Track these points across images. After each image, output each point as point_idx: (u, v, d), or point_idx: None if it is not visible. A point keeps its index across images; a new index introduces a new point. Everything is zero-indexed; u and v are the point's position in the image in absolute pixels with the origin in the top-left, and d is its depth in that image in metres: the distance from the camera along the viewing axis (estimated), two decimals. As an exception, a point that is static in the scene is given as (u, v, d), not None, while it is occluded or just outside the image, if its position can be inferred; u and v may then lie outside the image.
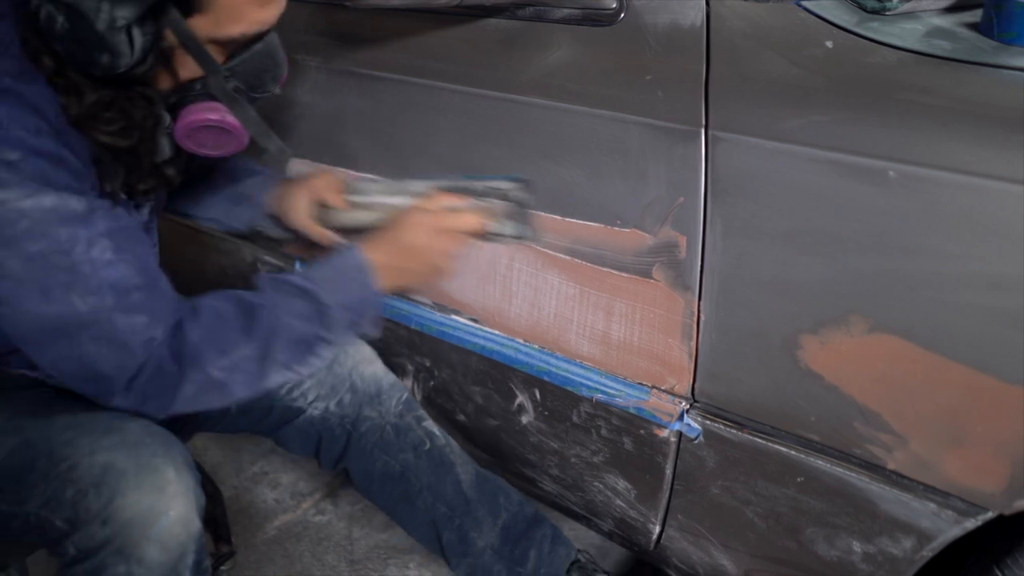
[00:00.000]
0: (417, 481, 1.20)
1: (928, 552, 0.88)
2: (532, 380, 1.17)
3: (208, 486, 1.46)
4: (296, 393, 1.18)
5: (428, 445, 1.21)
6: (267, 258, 1.45)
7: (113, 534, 0.83)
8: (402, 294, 1.30)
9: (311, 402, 1.19)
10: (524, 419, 1.23)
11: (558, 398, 1.16)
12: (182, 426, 1.19)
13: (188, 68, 0.87)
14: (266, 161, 1.22)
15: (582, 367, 1.12)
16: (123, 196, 0.90)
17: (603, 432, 1.13)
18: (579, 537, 1.48)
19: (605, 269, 1.04)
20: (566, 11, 1.00)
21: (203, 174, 1.19)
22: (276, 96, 0.97)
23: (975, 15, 0.93)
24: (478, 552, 1.19)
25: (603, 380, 1.10)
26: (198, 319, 0.87)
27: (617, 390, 1.08)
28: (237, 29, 0.84)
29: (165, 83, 0.88)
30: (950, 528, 0.85)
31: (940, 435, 0.84)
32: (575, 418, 1.15)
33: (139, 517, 0.83)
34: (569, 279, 1.09)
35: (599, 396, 1.10)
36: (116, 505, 0.83)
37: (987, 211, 0.76)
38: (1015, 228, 0.74)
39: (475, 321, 1.22)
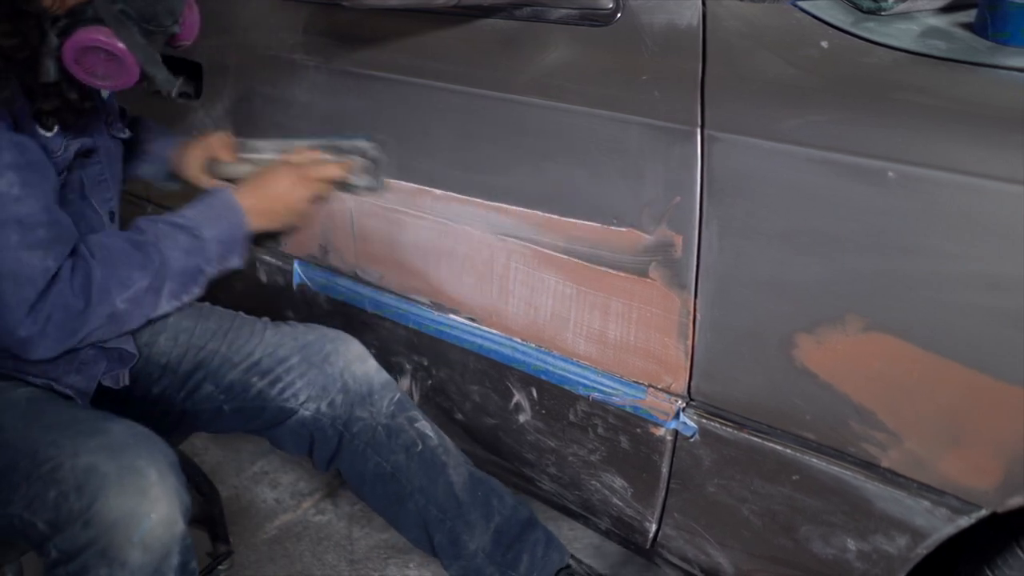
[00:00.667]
0: (408, 483, 1.19)
1: (922, 550, 0.89)
2: (529, 379, 1.18)
3: (205, 486, 1.46)
4: (287, 394, 1.17)
5: (420, 446, 1.20)
6: (266, 258, 1.46)
7: (95, 536, 0.82)
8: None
9: (302, 403, 1.18)
10: (521, 418, 1.23)
11: (555, 397, 1.16)
12: (175, 427, 1.20)
13: None
14: (154, 90, 1.25)
15: (579, 366, 1.12)
16: (35, 124, 0.92)
17: (600, 431, 1.13)
18: (577, 536, 1.49)
19: (602, 268, 1.05)
20: (563, 11, 1.01)
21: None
22: (180, 51, 1.03)
23: (970, 15, 0.93)
24: (470, 555, 1.18)
25: (600, 379, 1.10)
26: (96, 257, 0.93)
27: (614, 389, 1.09)
28: None
29: (52, 2, 0.87)
30: (944, 526, 0.86)
31: (935, 433, 0.84)
32: (572, 417, 1.15)
33: (122, 519, 0.83)
34: (566, 278, 1.09)
35: (596, 395, 1.10)
36: (98, 507, 0.83)
37: (983, 211, 0.76)
38: (1011, 228, 0.74)
39: (472, 320, 1.22)
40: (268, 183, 1.09)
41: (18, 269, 0.87)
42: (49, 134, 0.94)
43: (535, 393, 1.18)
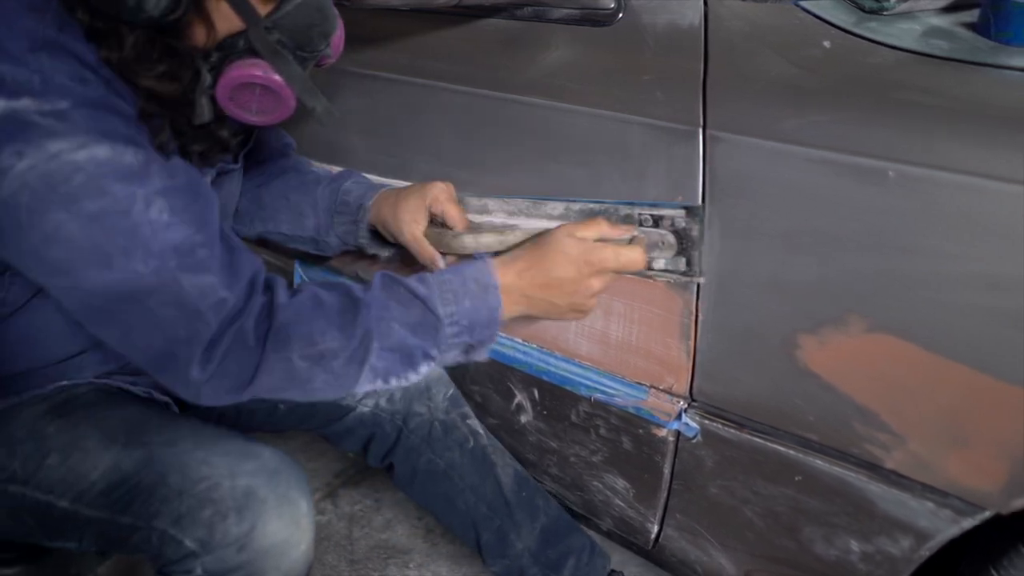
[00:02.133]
0: (460, 481, 1.18)
1: (926, 551, 0.89)
2: (531, 379, 1.17)
3: None
4: None
5: (472, 443, 1.19)
6: (265, 258, 1.46)
7: (247, 561, 0.82)
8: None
9: (360, 399, 1.15)
10: (523, 418, 1.23)
11: (557, 397, 1.16)
12: (231, 427, 1.15)
13: (226, 20, 0.80)
14: (312, 122, 1.16)
15: (581, 366, 1.12)
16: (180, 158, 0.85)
17: (602, 431, 1.13)
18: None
19: (604, 269, 1.04)
20: (565, 11, 1.01)
21: (268, 189, 1.15)
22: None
23: (972, 15, 0.93)
24: (516, 554, 1.18)
25: (602, 379, 1.10)
26: (293, 301, 0.82)
27: (616, 389, 1.08)
28: None
29: (202, 38, 0.81)
30: (948, 527, 0.86)
31: (938, 434, 0.84)
32: (574, 417, 1.15)
33: (275, 548, 0.83)
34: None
35: (598, 395, 1.10)
36: (256, 533, 0.82)
37: (985, 211, 0.76)
38: (1013, 228, 0.74)
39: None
40: (548, 264, 0.87)
41: (181, 295, 0.76)
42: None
43: (537, 394, 1.18)
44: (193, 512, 0.83)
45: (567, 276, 0.88)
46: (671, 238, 0.93)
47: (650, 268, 0.93)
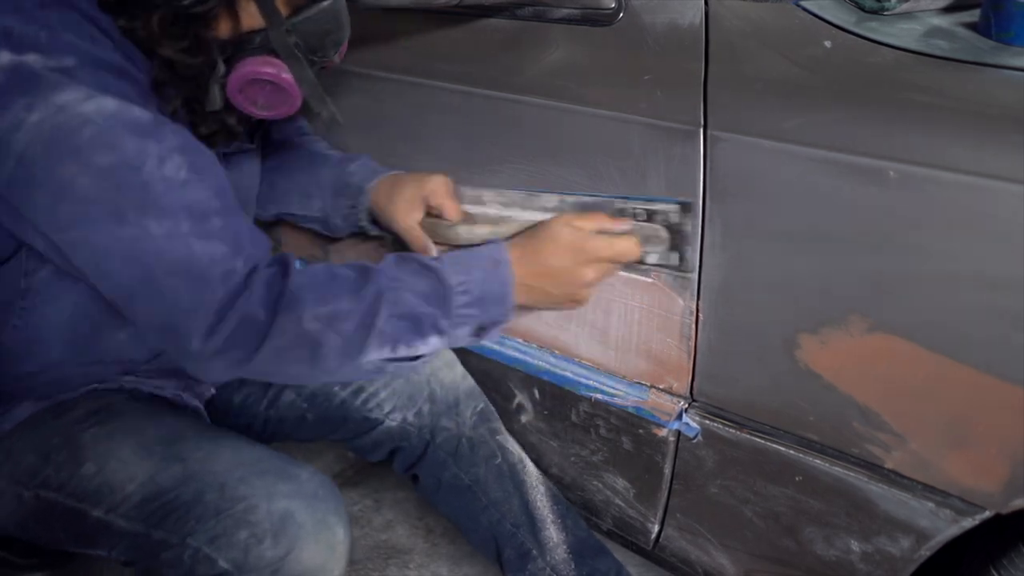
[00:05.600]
0: (484, 496, 1.17)
1: (926, 551, 0.89)
2: (531, 379, 1.17)
3: None
4: (372, 403, 1.14)
5: (499, 459, 1.17)
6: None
7: None
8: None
9: (388, 412, 1.14)
10: (523, 418, 1.23)
11: (557, 398, 1.16)
12: (260, 436, 1.17)
13: (250, 16, 0.82)
14: (315, 127, 1.17)
15: (581, 366, 1.12)
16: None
17: (602, 431, 1.13)
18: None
19: (604, 268, 1.04)
20: (565, 11, 1.01)
21: (275, 164, 1.15)
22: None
23: (973, 15, 0.93)
24: (537, 569, 1.16)
25: (602, 379, 1.10)
26: (307, 269, 0.82)
27: (616, 389, 1.08)
28: None
29: (225, 30, 0.83)
30: (948, 527, 0.86)
31: (939, 434, 0.84)
32: (574, 417, 1.15)
33: (309, 573, 0.82)
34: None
35: (598, 395, 1.10)
36: (292, 558, 0.81)
37: (987, 211, 0.76)
38: (1015, 228, 0.74)
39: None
40: (545, 254, 0.88)
41: (191, 263, 0.75)
42: None
43: (537, 394, 1.18)
44: (229, 533, 0.81)
45: (562, 265, 0.88)
46: (664, 232, 0.94)
47: (642, 262, 0.94)
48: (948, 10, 1.01)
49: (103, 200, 0.74)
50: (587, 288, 0.92)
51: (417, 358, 0.87)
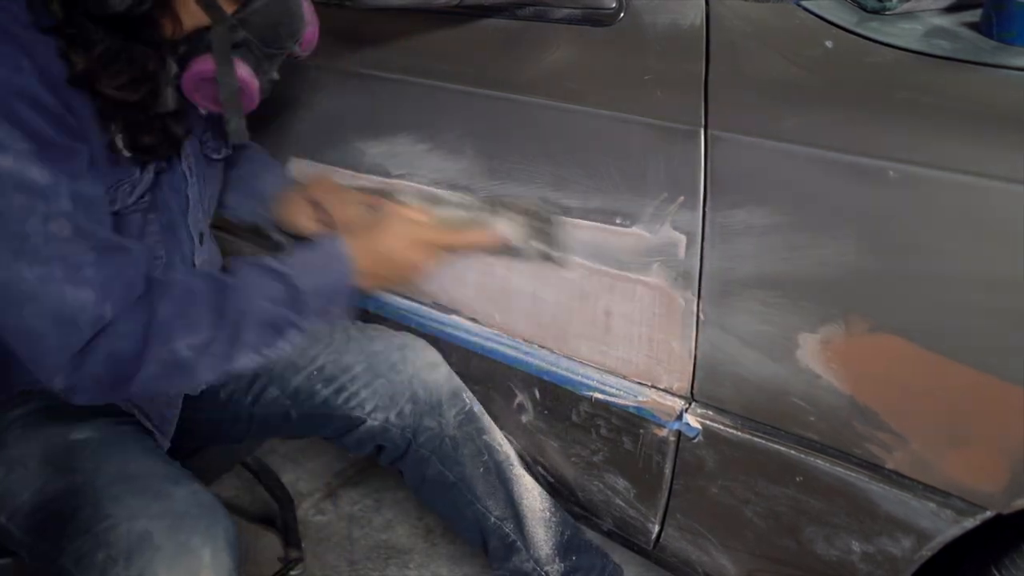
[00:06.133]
0: (469, 492, 1.17)
1: (927, 552, 0.88)
2: (531, 379, 1.17)
3: (279, 491, 1.49)
4: (354, 403, 1.14)
5: (485, 456, 1.18)
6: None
7: None
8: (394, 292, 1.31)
9: (369, 412, 1.15)
10: (524, 418, 1.23)
11: (557, 397, 1.16)
12: (247, 432, 1.18)
13: (193, 15, 0.82)
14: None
15: (582, 366, 1.12)
16: (126, 153, 0.85)
17: (602, 431, 1.13)
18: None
19: (605, 268, 1.04)
20: (566, 11, 1.00)
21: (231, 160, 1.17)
22: (298, 62, 0.94)
23: (975, 15, 0.92)
24: (522, 560, 1.18)
25: (602, 379, 1.10)
26: (168, 294, 0.83)
27: (616, 389, 1.08)
28: None
29: (168, 30, 0.83)
30: (949, 528, 0.86)
31: (939, 434, 0.84)
32: (574, 417, 1.15)
33: None
34: (569, 279, 1.09)
35: (598, 395, 1.10)
36: None
37: (987, 211, 0.76)
38: (1014, 228, 0.74)
39: (474, 320, 1.22)
40: (378, 240, 0.96)
41: (60, 307, 0.76)
42: (128, 154, 0.86)
43: (537, 394, 1.18)
44: (91, 553, 0.80)
45: (395, 249, 0.96)
46: (531, 220, 1.04)
47: (512, 247, 1.05)
48: (949, 10, 1.01)
49: None
50: (417, 270, 1.00)
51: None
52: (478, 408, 1.21)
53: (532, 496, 1.20)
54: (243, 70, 0.85)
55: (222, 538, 0.83)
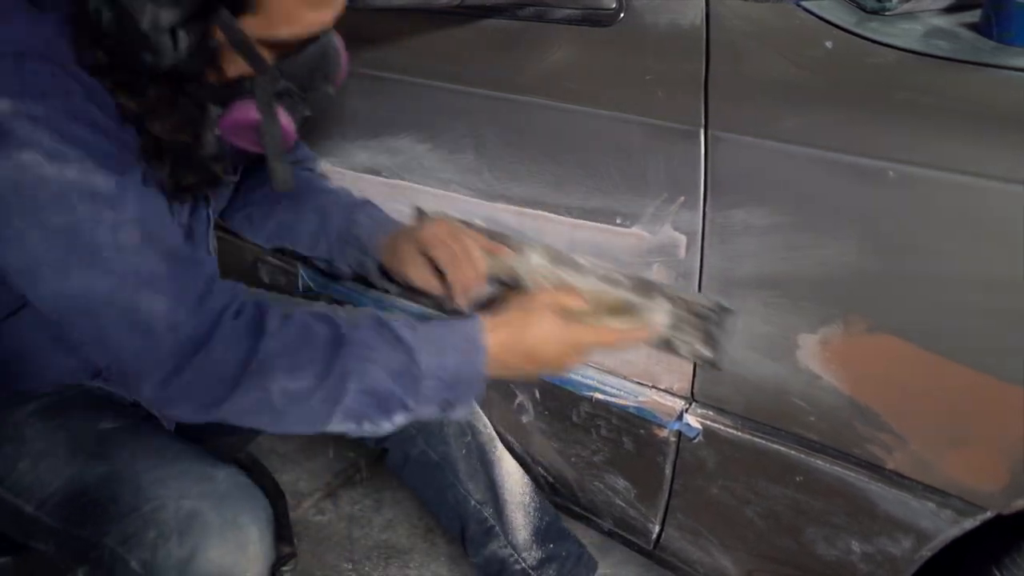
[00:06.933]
0: (451, 473, 1.19)
1: (927, 552, 0.89)
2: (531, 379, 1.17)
3: (270, 486, 1.45)
4: None
5: (468, 437, 1.19)
6: (269, 258, 1.45)
7: None
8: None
9: None
10: (524, 418, 1.23)
11: (558, 398, 1.16)
12: (233, 429, 1.16)
13: (237, 66, 0.82)
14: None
15: (581, 366, 1.12)
16: (168, 191, 0.86)
17: (603, 432, 1.13)
18: (579, 536, 1.48)
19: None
20: (566, 11, 1.00)
21: (276, 198, 1.16)
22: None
23: (974, 15, 0.92)
24: (500, 546, 1.19)
25: (602, 379, 1.10)
26: (284, 328, 0.81)
27: (616, 389, 1.08)
28: (289, 31, 0.79)
29: (213, 78, 0.83)
30: (949, 528, 0.86)
31: (939, 435, 0.84)
32: (575, 418, 1.15)
33: (218, 572, 0.80)
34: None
35: (599, 395, 1.10)
36: (198, 558, 0.79)
37: (986, 211, 0.76)
38: (1014, 228, 0.74)
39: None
40: (528, 334, 0.87)
41: (136, 316, 0.76)
42: (171, 192, 0.87)
43: (538, 394, 1.18)
44: (140, 533, 0.81)
45: (547, 349, 0.87)
46: (695, 320, 0.95)
47: (673, 348, 0.96)
48: (949, 10, 1.01)
49: (50, 258, 0.75)
50: (564, 370, 0.92)
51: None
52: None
53: (513, 480, 1.21)
54: (284, 118, 0.85)
55: (264, 517, 0.86)
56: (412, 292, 1.12)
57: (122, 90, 0.79)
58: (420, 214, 1.22)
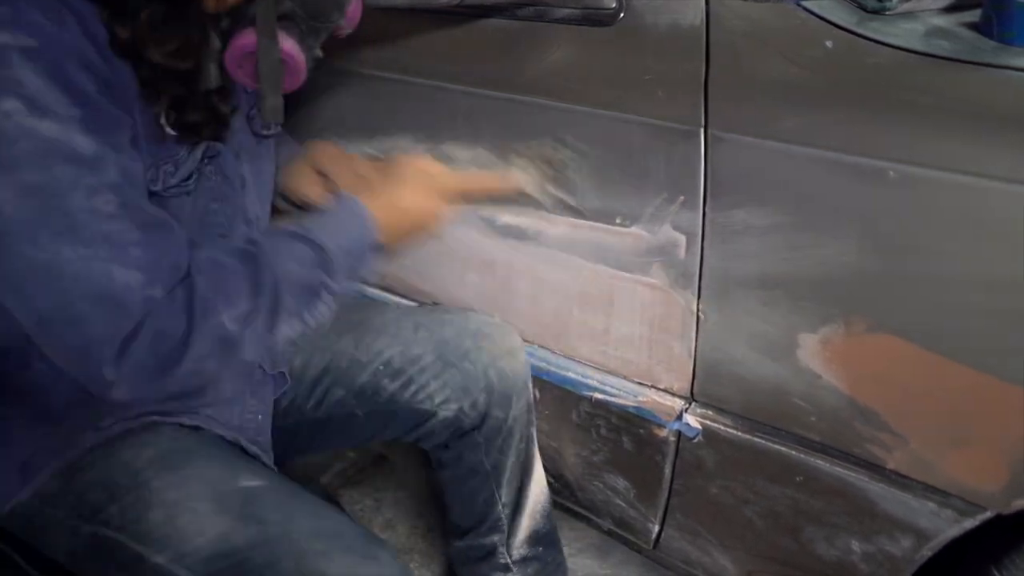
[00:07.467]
0: (494, 480, 1.16)
1: (927, 551, 0.89)
2: (532, 379, 1.17)
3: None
4: (422, 395, 1.10)
5: (523, 445, 1.17)
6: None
7: None
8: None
9: (440, 403, 1.10)
10: (524, 418, 1.23)
11: (558, 398, 1.16)
12: (309, 443, 1.14)
13: None
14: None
15: (582, 366, 1.12)
16: (172, 133, 0.82)
17: (602, 431, 1.13)
18: (579, 536, 1.48)
19: (605, 268, 1.05)
20: (566, 11, 1.00)
21: None
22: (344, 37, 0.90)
23: (975, 15, 0.92)
24: (496, 539, 1.19)
25: (602, 379, 1.10)
26: (200, 271, 0.79)
27: (616, 389, 1.08)
28: None
29: (213, 3, 0.79)
30: (949, 527, 0.86)
31: (939, 434, 0.84)
32: (574, 417, 1.15)
33: None
34: (569, 278, 1.09)
35: (598, 395, 1.10)
36: None
37: (987, 211, 0.76)
38: (1014, 228, 0.74)
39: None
40: (394, 193, 0.93)
41: (109, 289, 0.72)
42: (173, 132, 0.83)
43: (537, 394, 1.18)
44: None
45: (410, 200, 0.93)
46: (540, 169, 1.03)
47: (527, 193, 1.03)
48: (949, 10, 1.00)
49: (22, 219, 0.71)
50: (434, 218, 0.96)
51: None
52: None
53: (539, 487, 1.20)
54: (288, 43, 0.79)
55: None
56: (306, 208, 1.12)
57: (116, 14, 0.75)
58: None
